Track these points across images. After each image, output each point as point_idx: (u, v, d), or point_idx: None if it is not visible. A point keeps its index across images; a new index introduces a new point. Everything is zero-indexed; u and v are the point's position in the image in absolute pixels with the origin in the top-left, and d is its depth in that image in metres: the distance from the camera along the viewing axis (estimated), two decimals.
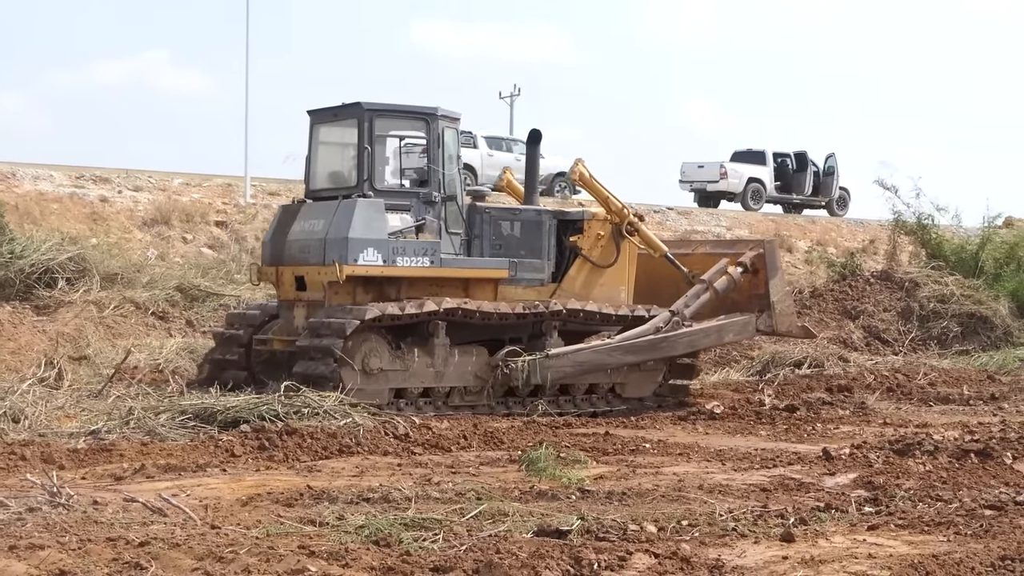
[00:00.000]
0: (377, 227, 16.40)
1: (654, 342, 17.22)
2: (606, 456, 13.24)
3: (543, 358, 16.60)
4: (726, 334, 18.00)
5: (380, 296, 16.61)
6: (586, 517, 9.41)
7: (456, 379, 16.54)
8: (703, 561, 8.23)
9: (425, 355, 16.33)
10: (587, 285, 17.85)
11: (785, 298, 18.00)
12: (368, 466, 12.47)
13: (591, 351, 17.09)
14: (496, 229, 17.56)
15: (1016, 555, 8.14)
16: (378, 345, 16.06)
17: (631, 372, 17.47)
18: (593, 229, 18.07)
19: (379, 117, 16.83)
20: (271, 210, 31.66)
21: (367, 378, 15.89)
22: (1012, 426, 14.38)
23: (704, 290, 17.80)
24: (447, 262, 16.83)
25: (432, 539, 8.76)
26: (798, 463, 12.62)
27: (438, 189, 16.94)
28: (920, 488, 10.88)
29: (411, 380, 16.31)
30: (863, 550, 8.63)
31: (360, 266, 16.26)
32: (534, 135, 18.50)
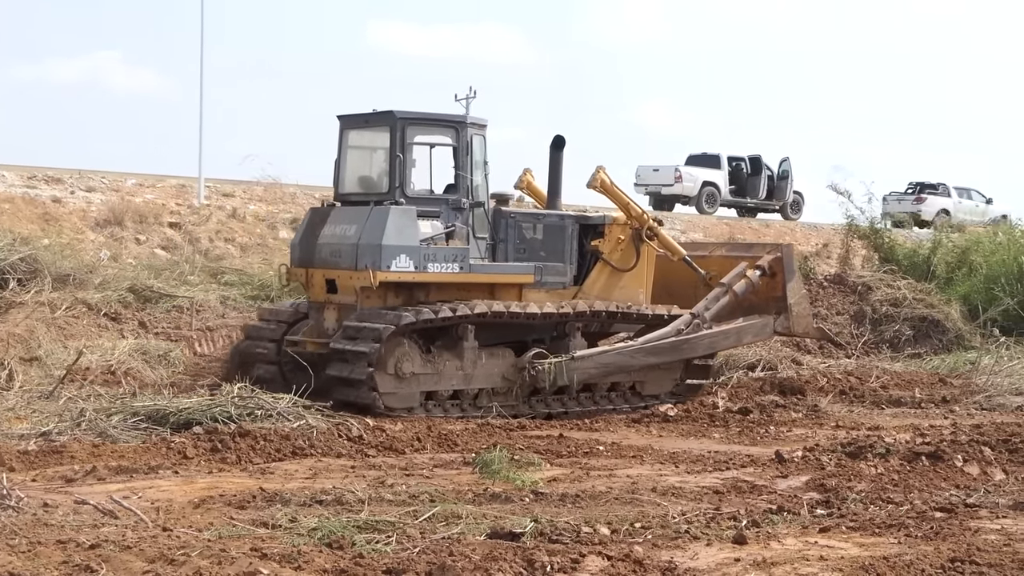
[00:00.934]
0: (409, 234, 16.74)
1: (676, 344, 17.66)
2: (560, 458, 13.25)
3: (569, 360, 16.94)
4: (745, 336, 18.44)
5: (410, 300, 16.93)
6: (539, 519, 9.42)
7: (484, 381, 16.83)
8: (656, 563, 8.25)
9: (455, 358, 16.66)
10: (607, 288, 18.29)
11: (802, 300, 18.34)
12: (321, 468, 12.43)
13: (615, 353, 17.55)
14: (520, 233, 17.98)
15: (966, 557, 8.20)
16: (410, 349, 16.34)
17: (650, 371, 17.83)
18: (614, 233, 18.52)
19: (411, 125, 17.19)
20: (225, 211, 31.58)
21: (399, 382, 16.19)
22: (963, 429, 14.48)
23: (724, 293, 18.18)
24: (476, 268, 17.19)
25: (385, 541, 8.75)
26: (751, 466, 12.66)
27: (467, 195, 17.31)
28: (872, 490, 10.95)
29: (442, 383, 16.59)
30: (815, 552, 8.67)
31: (393, 272, 16.57)
32: (558, 140, 18.66)
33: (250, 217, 32.05)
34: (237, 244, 29.87)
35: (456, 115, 17.57)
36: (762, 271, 18.23)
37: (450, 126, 17.44)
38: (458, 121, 17.41)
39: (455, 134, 17.34)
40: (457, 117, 17.49)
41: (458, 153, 17.37)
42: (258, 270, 27.11)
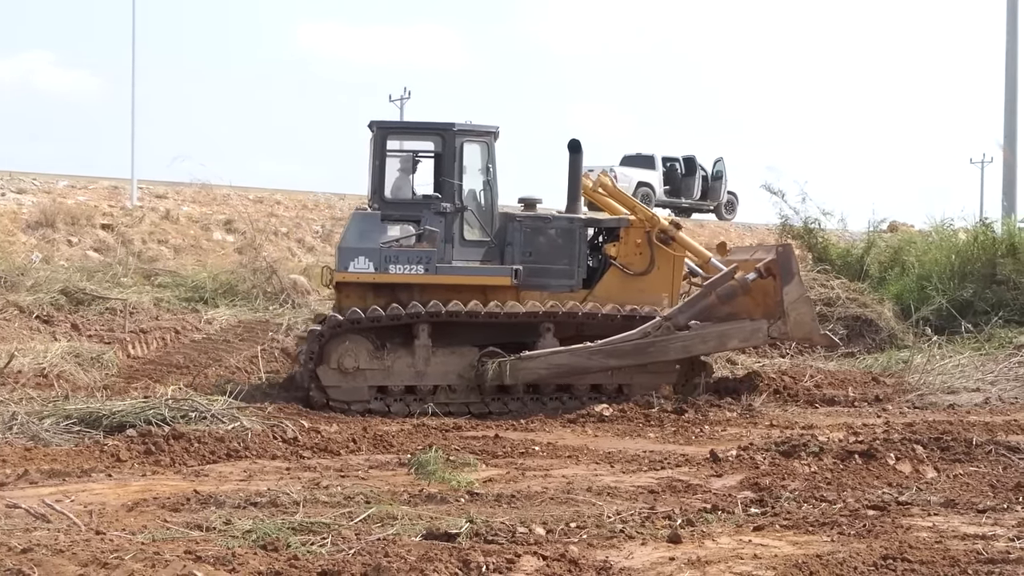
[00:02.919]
0: (371, 237, 17.68)
1: (640, 346, 17.39)
2: (496, 459, 13.25)
3: (515, 360, 17.09)
4: (729, 340, 17.99)
5: (383, 300, 17.70)
6: (475, 520, 9.41)
7: (439, 379, 17.42)
8: (591, 563, 8.27)
9: (407, 355, 17.38)
10: (623, 292, 18.42)
11: (800, 305, 17.68)
12: (256, 470, 12.37)
13: (568, 354, 17.38)
14: (527, 237, 18.43)
15: (898, 554, 8.27)
16: (355, 347, 17.25)
17: (637, 374, 17.67)
18: (631, 237, 18.73)
19: (391, 133, 18.34)
20: (158, 213, 31.39)
21: (343, 376, 17.18)
22: (895, 427, 14.61)
23: (705, 295, 17.86)
24: (442, 269, 17.78)
25: (320, 543, 8.72)
26: (686, 465, 12.71)
27: (450, 200, 17.92)
28: (805, 489, 11.01)
29: (391, 379, 17.32)
30: (749, 551, 8.71)
31: (351, 273, 17.71)
32: (574, 144, 18.76)
33: (183, 219, 31.91)
34: (171, 246, 29.75)
35: (442, 123, 18.16)
36: (759, 273, 17.81)
37: (436, 134, 18.24)
38: (443, 129, 18.11)
39: (440, 141, 18.09)
40: (442, 125, 18.10)
41: (443, 160, 18.09)
42: (192, 271, 27.01)
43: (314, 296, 26.72)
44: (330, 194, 39.25)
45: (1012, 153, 35.21)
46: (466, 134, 18.17)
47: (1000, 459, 12.24)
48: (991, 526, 9.44)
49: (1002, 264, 24.65)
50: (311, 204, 36.51)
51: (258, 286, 25.93)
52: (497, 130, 18.52)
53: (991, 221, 28.11)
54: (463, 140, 18.12)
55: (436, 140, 18.25)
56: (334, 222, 35.00)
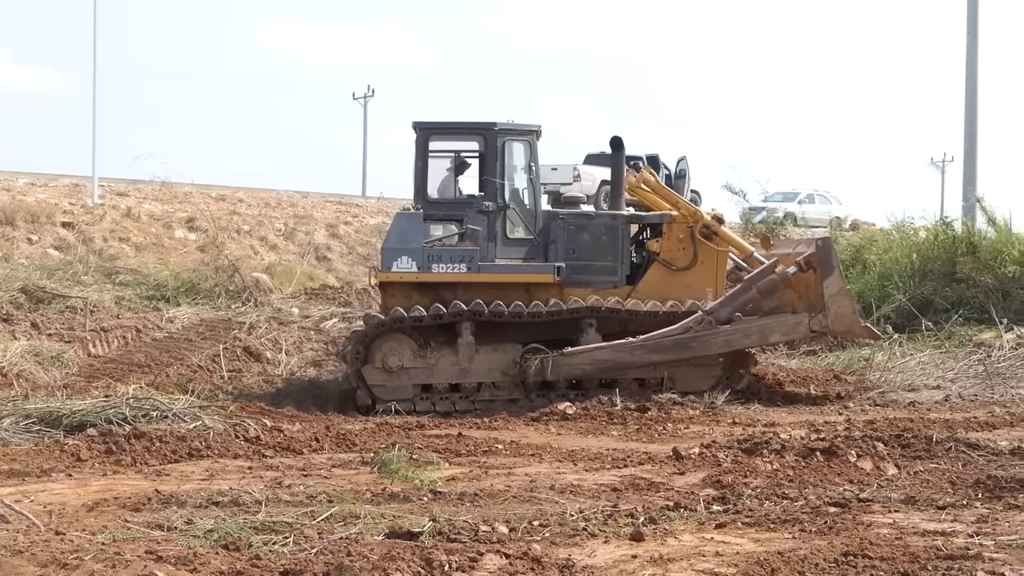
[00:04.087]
0: (412, 237, 17.98)
1: (682, 341, 17.52)
2: (459, 457, 13.24)
3: (558, 356, 17.36)
4: (771, 334, 18.09)
5: (425, 299, 17.94)
6: (438, 518, 9.40)
7: (483, 376, 17.70)
8: (553, 561, 8.27)
9: (451, 353, 17.68)
10: (667, 287, 18.52)
11: (841, 298, 17.66)
12: (218, 469, 12.33)
13: (611, 349, 17.56)
14: (570, 234, 18.60)
15: (858, 551, 8.30)
16: (399, 345, 17.56)
17: (679, 368, 17.77)
18: (674, 232, 18.82)
19: (434, 133, 18.51)
20: (119, 211, 31.23)
21: (388, 375, 17.50)
22: (857, 425, 14.67)
23: (745, 289, 17.91)
24: (485, 268, 18.04)
25: (282, 542, 8.69)
26: (649, 463, 12.72)
27: (493, 199, 18.18)
28: (767, 486, 11.04)
29: (435, 377, 17.63)
30: (711, 548, 8.74)
31: (394, 273, 18.03)
32: (616, 142, 18.99)
33: (145, 216, 31.78)
34: (132, 244, 29.62)
35: (484, 123, 18.38)
36: (799, 267, 17.84)
37: (478, 133, 18.52)
38: (485, 128, 18.36)
39: (483, 141, 18.38)
40: (485, 125, 18.33)
41: (486, 159, 18.38)
42: (153, 270, 26.89)
43: (276, 294, 26.66)
44: (293, 192, 39.23)
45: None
46: (508, 133, 18.45)
47: (960, 456, 12.31)
48: (951, 522, 9.49)
49: (962, 262, 24.77)
50: (274, 202, 36.44)
51: (220, 284, 25.84)
52: (539, 129, 18.81)
53: (951, 220, 28.26)
54: (505, 139, 18.40)
55: (479, 140, 18.58)
56: (297, 220, 34.97)
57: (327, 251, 33.87)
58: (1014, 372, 19.43)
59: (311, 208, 36.70)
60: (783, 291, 18.00)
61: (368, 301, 27.51)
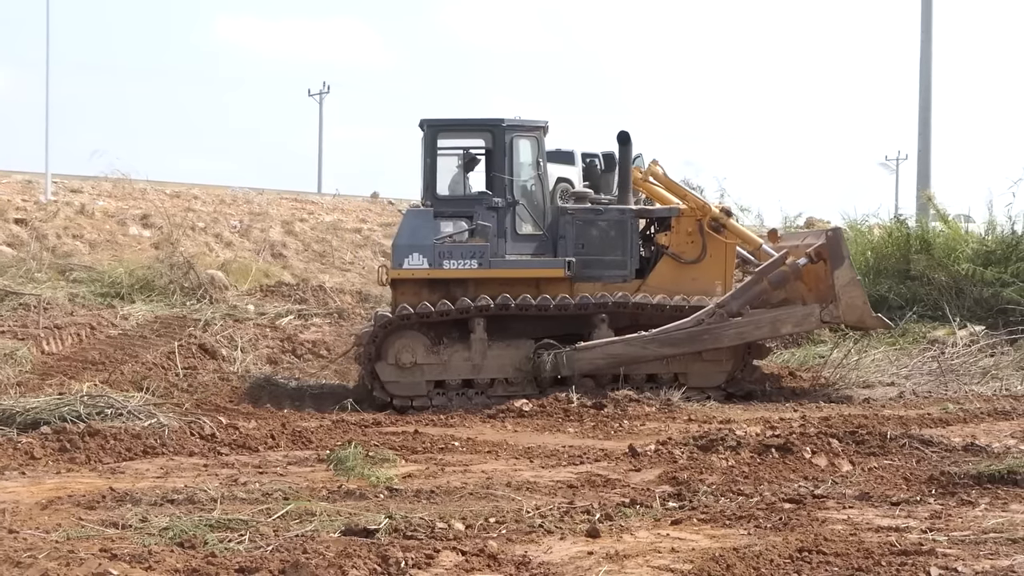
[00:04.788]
0: (423, 234, 18.14)
1: (694, 334, 17.61)
2: (415, 454, 13.22)
3: (571, 351, 17.54)
4: (782, 325, 18.09)
5: (436, 296, 18.08)
6: (394, 516, 9.39)
7: (496, 371, 17.87)
8: (510, 557, 8.28)
9: (464, 349, 17.88)
10: (676, 281, 18.60)
11: (852, 288, 17.67)
12: (173, 467, 12.28)
13: (624, 343, 17.65)
14: (579, 229, 18.71)
15: (813, 547, 8.34)
16: (412, 342, 17.76)
17: (692, 362, 17.90)
18: (683, 226, 18.89)
19: (442, 131, 18.55)
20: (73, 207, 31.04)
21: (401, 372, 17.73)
22: (812, 421, 14.73)
23: (756, 281, 17.95)
24: (496, 263, 18.15)
25: (238, 540, 8.67)
26: (605, 460, 12.75)
27: (502, 195, 18.31)
28: (723, 483, 11.09)
29: (448, 373, 17.84)
30: (666, 544, 8.77)
31: (405, 270, 18.18)
32: (623, 136, 19.04)
33: (99, 213, 31.61)
34: (86, 241, 29.45)
35: (492, 119, 18.45)
36: (809, 258, 17.89)
37: (486, 130, 18.66)
38: (493, 125, 18.46)
39: (491, 137, 18.52)
40: (492, 121, 18.40)
41: (494, 155, 18.51)
42: (108, 267, 26.74)
43: (232, 292, 26.55)
44: (248, 189, 39.08)
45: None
46: (516, 129, 18.56)
47: (914, 452, 12.38)
48: (904, 518, 9.55)
49: (916, 260, 24.91)
50: (229, 199, 36.30)
51: (175, 281, 25.72)
52: (546, 124, 18.91)
53: (905, 217, 28.41)
54: (513, 135, 18.52)
55: (486, 136, 18.73)
56: (252, 217, 34.84)
57: (283, 248, 33.76)
58: (967, 369, 19.58)
59: (266, 205, 36.58)
60: (793, 283, 18.08)
61: (323, 298, 27.47)
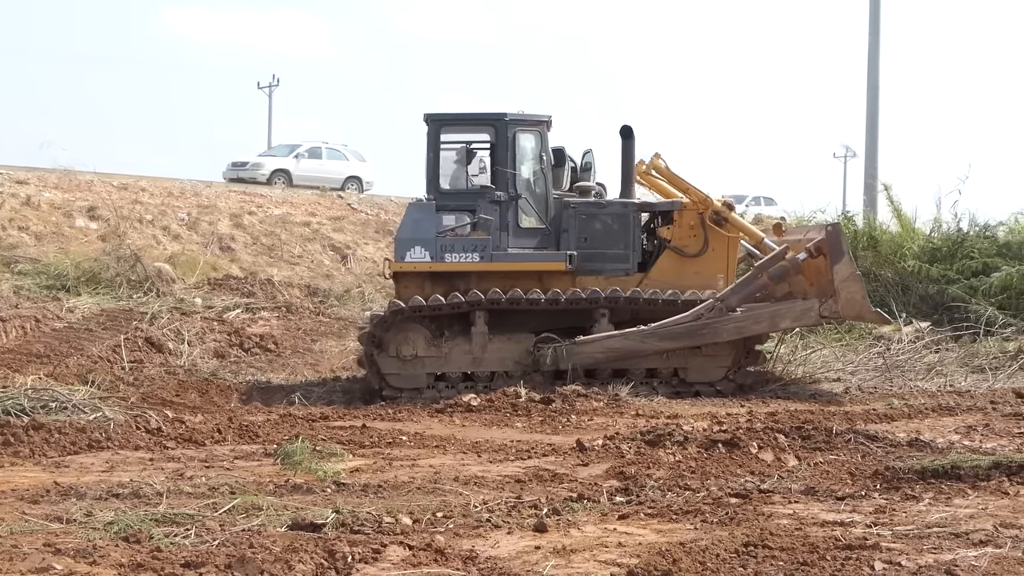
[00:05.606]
0: (425, 227, 18.33)
1: (693, 328, 17.59)
2: (363, 449, 13.19)
3: (570, 344, 17.61)
4: (781, 320, 18.02)
5: (440, 289, 18.18)
6: (341, 510, 9.37)
7: (496, 365, 17.93)
8: (457, 552, 8.28)
9: (464, 342, 17.96)
10: (678, 274, 18.62)
11: (851, 283, 17.55)
12: (118, 461, 12.20)
13: (623, 337, 17.69)
14: (582, 223, 18.82)
15: (759, 541, 8.39)
16: (414, 334, 17.87)
17: (692, 357, 17.94)
18: (685, 219, 18.91)
19: (445, 125, 18.77)
20: (18, 199, 30.77)
21: (402, 364, 17.84)
22: (759, 416, 14.81)
23: (756, 276, 17.92)
24: (498, 256, 18.32)
25: (184, 534, 8.63)
26: (552, 454, 12.76)
27: (504, 189, 18.49)
28: (670, 478, 11.13)
29: (449, 366, 17.95)
30: (613, 539, 8.79)
31: (408, 263, 18.38)
32: (625, 130, 19.17)
33: (45, 205, 31.34)
34: (31, 233, 29.20)
35: (494, 114, 18.67)
36: (809, 253, 17.83)
37: (488, 124, 18.85)
38: (496, 119, 18.69)
39: (494, 131, 18.71)
40: (495, 116, 18.61)
41: (496, 149, 18.71)
42: (53, 259, 26.55)
43: (179, 285, 26.41)
44: (196, 181, 38.82)
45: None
46: (518, 123, 18.75)
47: (859, 447, 12.47)
48: (849, 513, 9.62)
49: (863, 257, 25.07)
50: (177, 191, 36.06)
51: (122, 274, 25.57)
52: (550, 119, 19.09)
53: (853, 214, 28.59)
54: (515, 129, 18.71)
55: (489, 130, 18.87)
56: (200, 209, 34.64)
57: (231, 241, 33.59)
58: (912, 365, 19.73)
59: (215, 198, 36.37)
60: (795, 277, 18.08)
61: (272, 292, 27.38)
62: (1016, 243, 25.15)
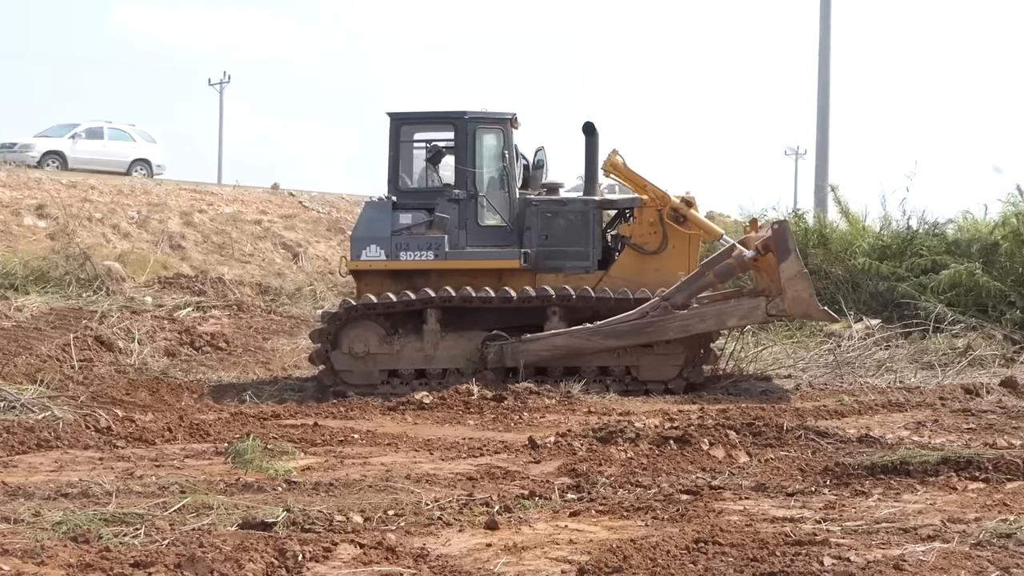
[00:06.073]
0: (381, 226, 18.40)
1: (638, 327, 17.54)
2: (314, 447, 13.15)
3: (516, 342, 17.67)
4: (728, 318, 17.90)
5: (399, 287, 18.27)
6: (292, 509, 9.34)
7: (447, 362, 18.02)
8: (408, 550, 8.27)
9: (417, 340, 18.05)
10: (639, 271, 18.58)
11: (798, 281, 17.35)
12: (68, 460, 12.12)
13: (568, 335, 17.67)
14: (544, 221, 18.83)
15: (709, 537, 8.41)
16: (366, 332, 17.97)
17: (644, 355, 17.89)
18: (645, 216, 18.87)
19: (406, 123, 18.83)
20: None
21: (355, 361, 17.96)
22: (710, 413, 14.86)
23: (702, 274, 17.82)
24: (451, 255, 18.37)
25: (133, 534, 8.58)
26: (505, 452, 12.77)
27: (463, 187, 18.48)
28: (621, 474, 11.15)
29: (401, 363, 18.02)
30: (565, 536, 8.80)
31: (364, 261, 18.47)
32: (589, 127, 19.14)
33: None
34: None
35: (455, 112, 18.71)
36: (757, 251, 17.73)
37: (448, 122, 18.91)
38: (456, 117, 18.75)
39: (454, 129, 18.72)
40: (455, 113, 18.65)
41: (456, 147, 18.72)
42: (2, 258, 26.37)
43: (129, 283, 26.26)
44: (146, 179, 38.63)
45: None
46: (479, 121, 18.77)
47: (809, 444, 12.53)
48: (799, 509, 9.67)
49: (813, 254, 25.18)
50: (127, 189, 35.85)
51: (71, 273, 25.41)
52: (513, 116, 19.01)
53: (803, 212, 28.71)
54: (476, 127, 18.73)
55: (450, 128, 18.86)
56: (150, 207, 34.46)
57: (181, 239, 33.46)
58: (862, 362, 19.83)
59: (165, 196, 36.18)
60: (759, 274, 18.13)
61: (222, 290, 27.26)
62: (965, 241, 25.30)
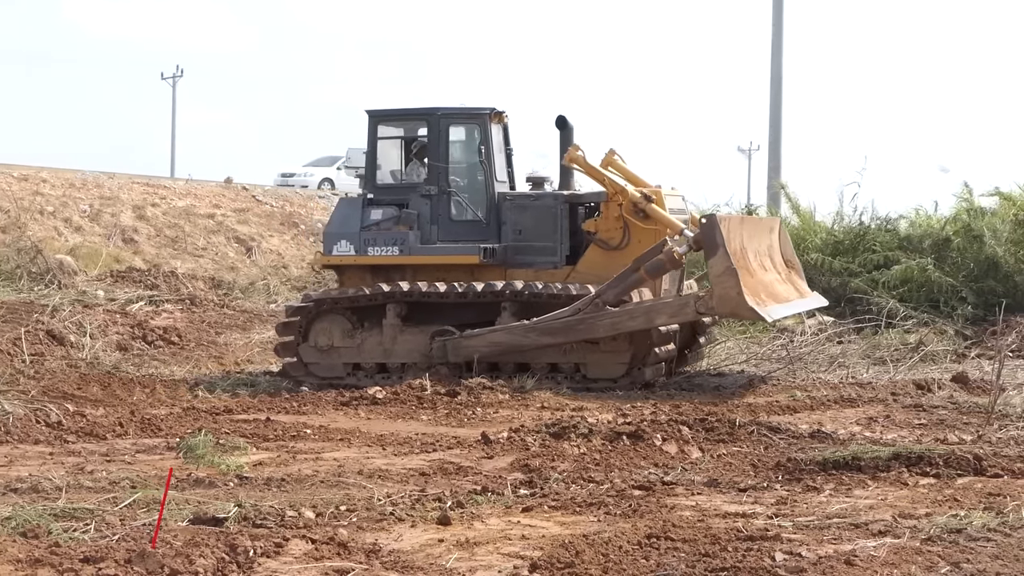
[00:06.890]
0: (352, 221, 18.74)
1: (570, 323, 17.48)
2: (267, 442, 13.11)
3: (457, 338, 17.85)
4: (657, 316, 17.49)
5: (375, 281, 18.47)
6: (243, 504, 9.30)
7: (404, 356, 18.16)
8: (360, 546, 8.26)
9: (377, 334, 18.27)
10: (605, 267, 18.26)
11: (726, 278, 16.83)
12: (17, 455, 12.05)
13: (506, 332, 17.72)
14: (516, 215, 18.90)
15: (661, 533, 8.44)
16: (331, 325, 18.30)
17: (590, 353, 17.82)
18: (609, 211, 18.68)
19: (381, 120, 19.09)
20: None
21: (320, 353, 18.32)
22: (663, 409, 14.88)
23: (633, 270, 17.61)
24: (415, 250, 18.56)
25: (83, 529, 8.52)
26: (457, 447, 12.77)
27: (435, 183, 18.63)
28: (574, 470, 11.17)
29: (362, 356, 18.30)
30: (517, 531, 8.82)
31: (335, 256, 18.94)
32: (561, 121, 19.14)
33: None
34: None
35: (427, 108, 18.84)
36: (688, 247, 17.53)
37: (422, 118, 19.05)
38: (429, 113, 18.88)
39: (427, 125, 18.84)
40: (428, 110, 18.78)
41: (429, 143, 18.82)
42: None
43: (81, 277, 26.10)
44: (99, 172, 38.38)
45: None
46: (452, 117, 18.90)
47: (762, 439, 12.59)
48: (751, 504, 9.71)
49: None
50: (79, 183, 35.61)
51: (22, 266, 25.25)
52: (491, 111, 18.97)
53: (756, 207, 28.83)
54: (449, 123, 18.87)
55: (423, 124, 18.97)
56: (103, 201, 34.25)
57: (134, 233, 33.27)
58: (815, 357, 19.92)
59: (117, 189, 35.96)
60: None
61: (175, 284, 27.13)
62: (916, 236, 25.49)
